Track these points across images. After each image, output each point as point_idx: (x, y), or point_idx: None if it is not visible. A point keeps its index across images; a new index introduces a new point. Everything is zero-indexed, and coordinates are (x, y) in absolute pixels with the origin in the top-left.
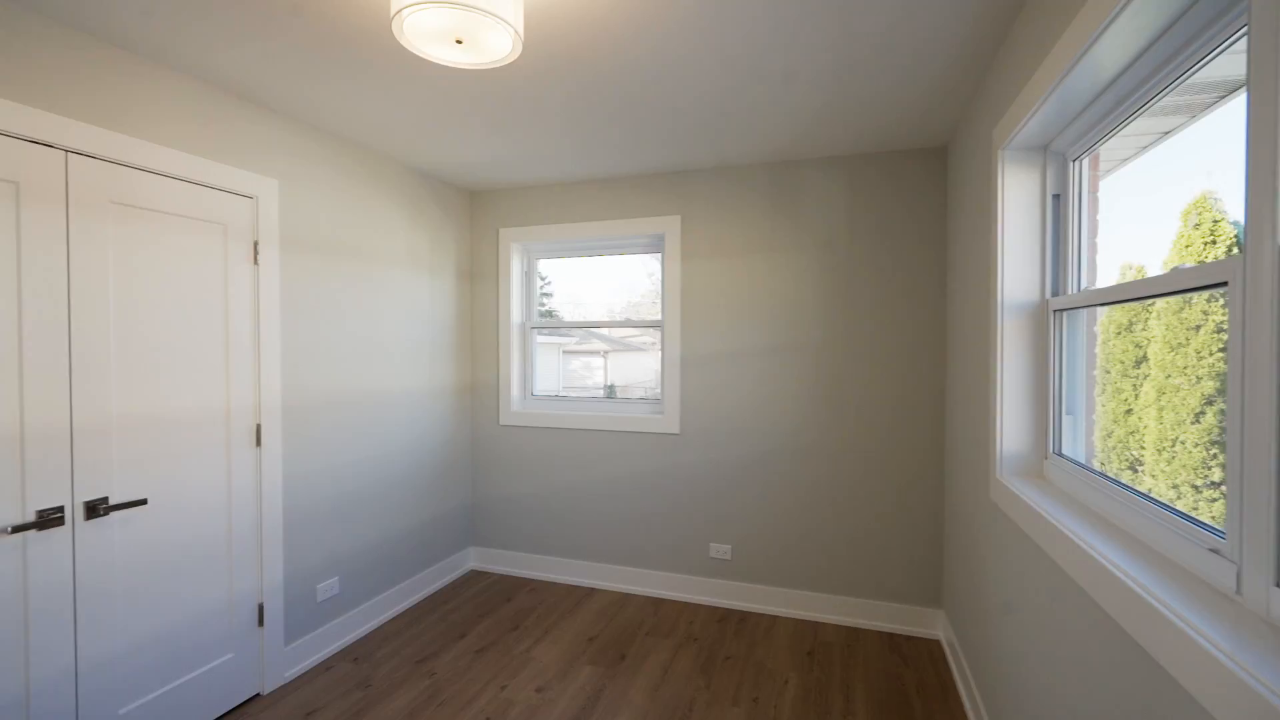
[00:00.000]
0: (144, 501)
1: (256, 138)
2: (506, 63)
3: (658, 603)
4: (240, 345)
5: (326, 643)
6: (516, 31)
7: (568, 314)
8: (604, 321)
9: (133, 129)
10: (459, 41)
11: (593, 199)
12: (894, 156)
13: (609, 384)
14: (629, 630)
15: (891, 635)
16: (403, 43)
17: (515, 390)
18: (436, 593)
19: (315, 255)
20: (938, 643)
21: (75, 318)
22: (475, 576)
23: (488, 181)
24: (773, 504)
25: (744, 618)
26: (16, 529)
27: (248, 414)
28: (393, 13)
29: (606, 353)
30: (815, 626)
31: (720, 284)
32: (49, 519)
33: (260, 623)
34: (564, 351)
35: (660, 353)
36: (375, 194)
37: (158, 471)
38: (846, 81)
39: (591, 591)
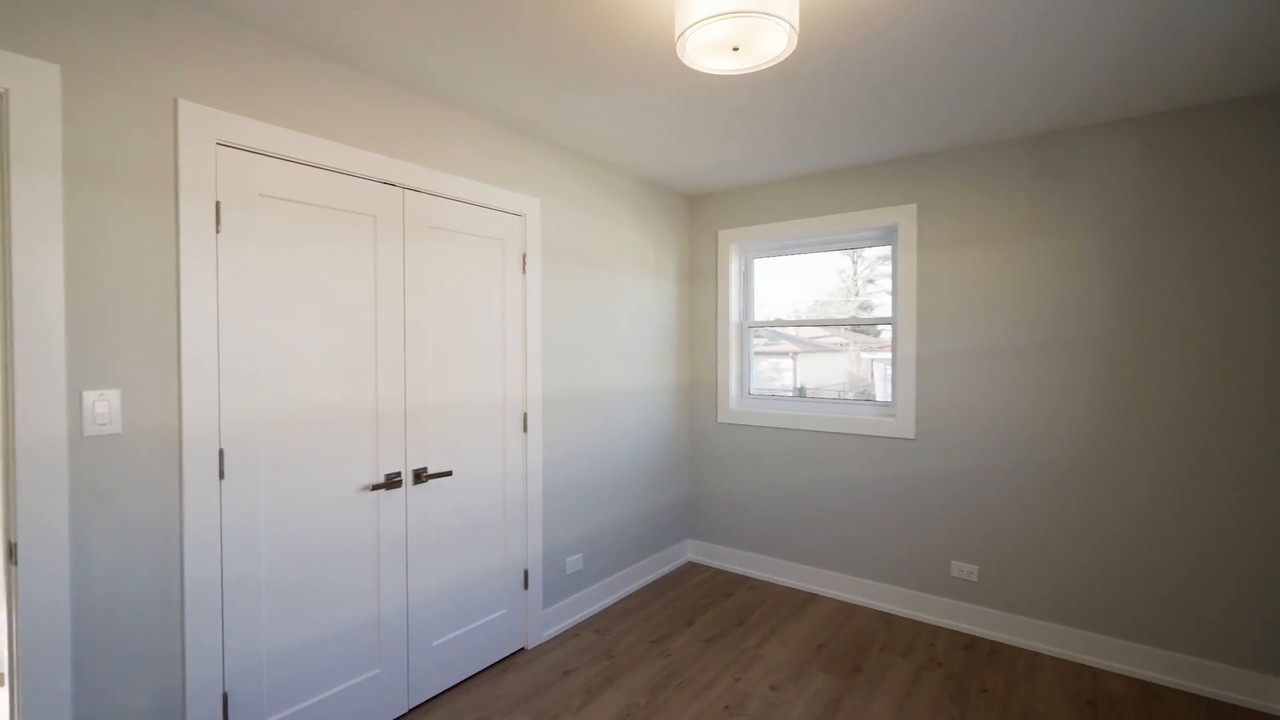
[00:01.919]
0: (450, 473)
1: (523, 162)
2: (778, 62)
3: (887, 617)
4: (512, 344)
5: (574, 611)
6: (793, 27)
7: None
8: (823, 320)
9: (441, 165)
10: (735, 49)
11: (815, 194)
12: (1206, 111)
13: (799, 385)
14: (861, 642)
15: (1209, 700)
16: (684, 60)
17: (733, 389)
18: (659, 580)
19: (566, 264)
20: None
21: (408, 322)
22: (693, 568)
23: (707, 185)
24: (1033, 523)
25: (995, 648)
26: (375, 487)
27: (518, 404)
28: (678, 33)
29: (795, 354)
30: (1093, 673)
31: (964, 275)
32: (392, 481)
33: (525, 586)
34: (753, 353)
35: (891, 352)
36: (611, 204)
37: (458, 449)
38: (1154, 20)
39: (813, 597)
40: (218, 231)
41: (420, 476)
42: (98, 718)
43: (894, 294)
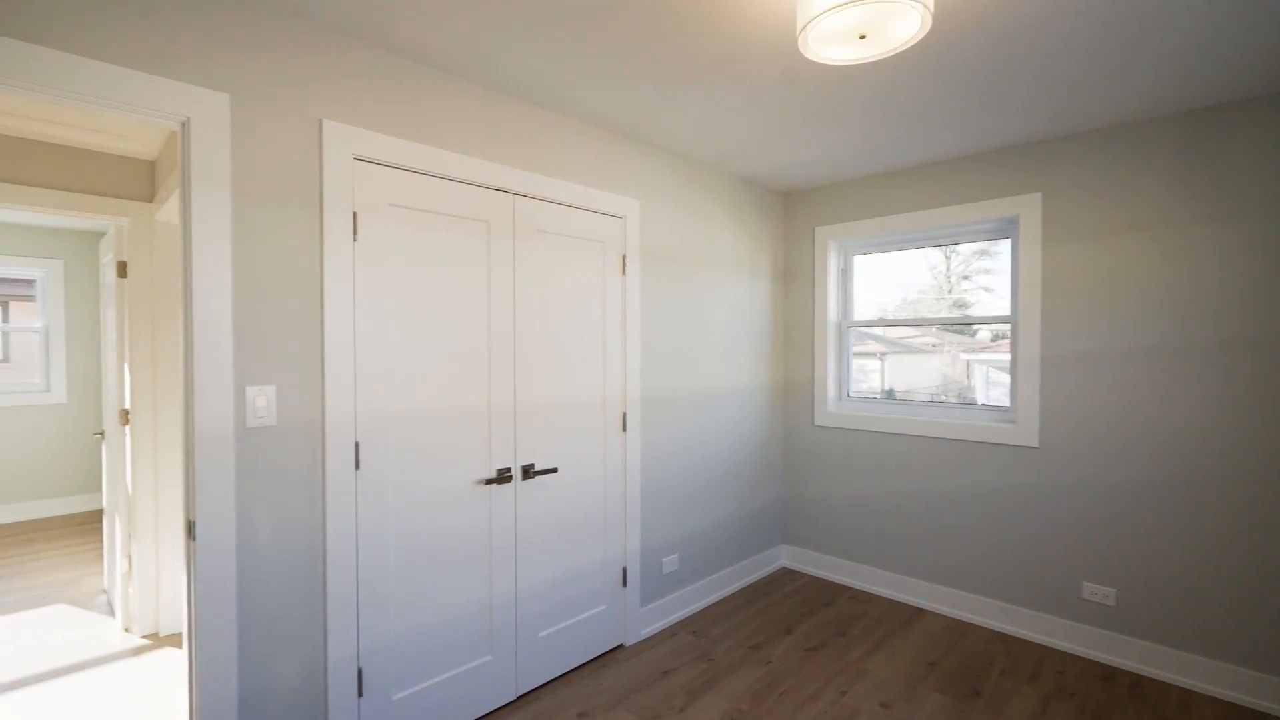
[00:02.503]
0: (555, 470)
1: (623, 164)
2: (908, 46)
3: (1006, 639)
4: (612, 344)
5: (670, 611)
6: (926, 7)
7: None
8: (929, 320)
9: (547, 170)
10: (862, 36)
11: (924, 186)
12: None
13: (887, 388)
14: (978, 664)
15: None
16: (805, 52)
17: (831, 390)
18: (753, 584)
19: (664, 264)
20: None
21: (518, 322)
22: (787, 574)
23: (805, 180)
24: (1183, 544)
25: (1137, 681)
26: (487, 482)
27: (617, 403)
28: (801, 24)
29: (884, 355)
30: (1260, 718)
31: (1098, 268)
32: (503, 477)
33: (624, 583)
34: (852, 354)
35: (1011, 353)
36: (707, 203)
37: (562, 447)
38: None
39: (920, 611)
40: (355, 239)
41: (528, 473)
42: (256, 681)
43: (1014, 291)
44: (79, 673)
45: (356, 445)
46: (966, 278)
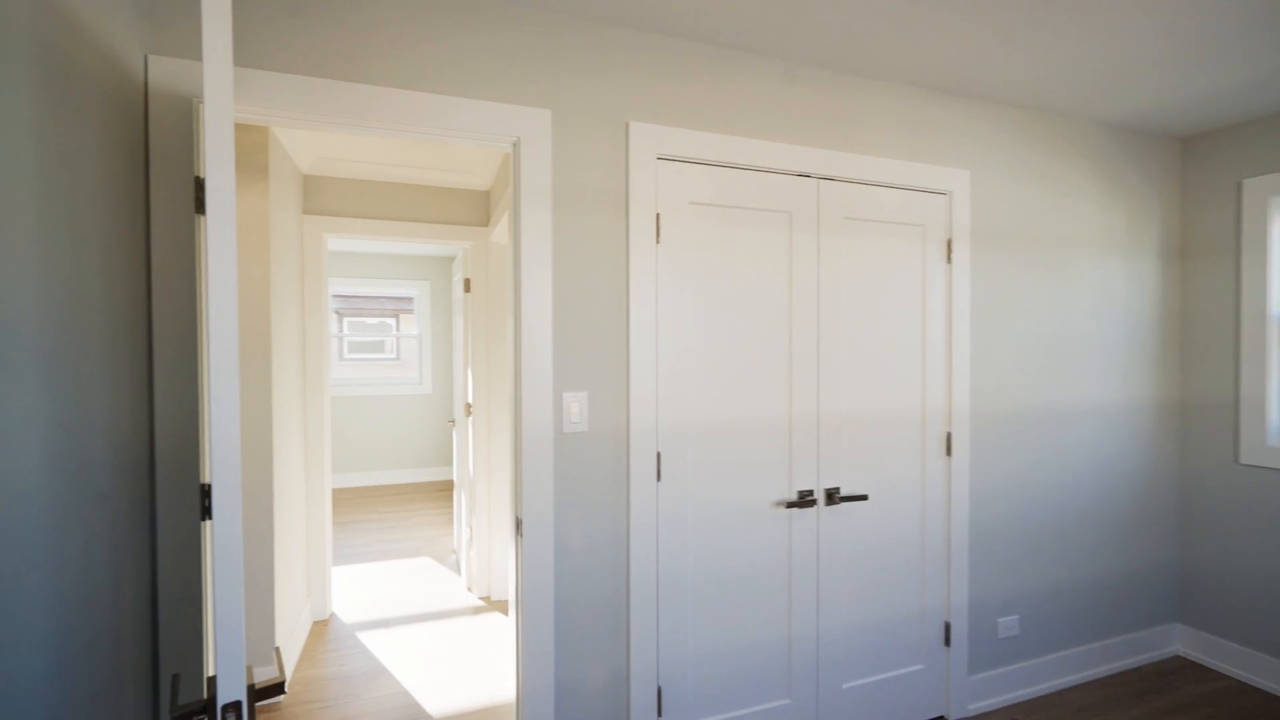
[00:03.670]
0: (865, 497)
1: (947, 128)
2: None
3: None
4: (933, 349)
5: (1008, 687)
6: None
7: None
8: None
9: (856, 146)
10: None
11: None
12: None
13: None
14: None
15: None
16: None
17: (1274, 416)
18: (1129, 673)
19: (999, 247)
20: None
21: (822, 325)
22: (1186, 668)
23: (1222, 115)
24: None
25: None
26: (787, 505)
27: (939, 421)
28: None
29: None
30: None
31: None
32: (805, 500)
33: (946, 642)
34: None
35: None
36: (1059, 164)
37: (872, 471)
38: None
39: None
40: (657, 242)
41: (833, 497)
42: (569, 677)
43: None
44: (435, 620)
45: (658, 456)
46: None
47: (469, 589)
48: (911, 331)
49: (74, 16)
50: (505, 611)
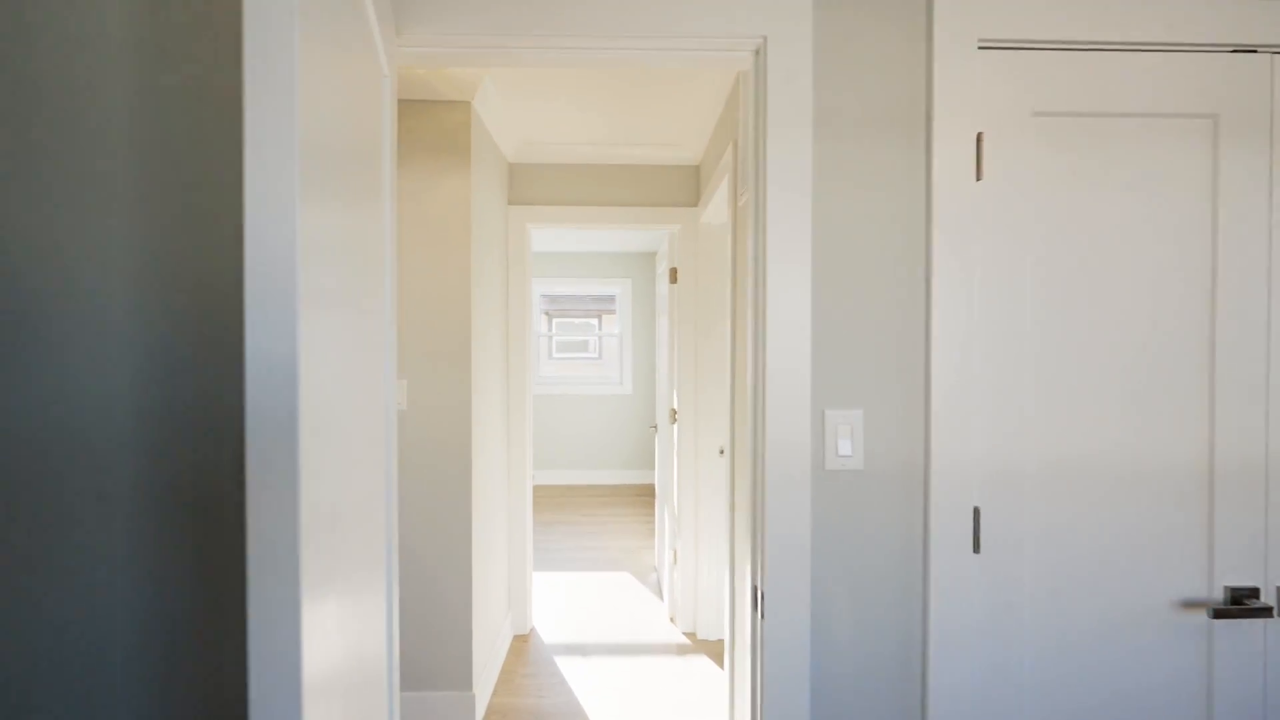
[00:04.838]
0: None
1: None
2: None
3: None
4: None
5: None
6: None
7: None
8: None
9: None
10: None
11: None
12: None
13: None
14: None
15: None
16: None
17: None
18: None
19: None
20: None
21: (1273, 307)
22: None
23: None
24: None
25: None
26: (1209, 609)
27: None
28: None
29: None
30: None
31: None
32: (1240, 602)
33: None
34: None
35: None
36: None
37: None
38: None
39: None
40: (978, 179)
41: None
42: None
43: None
44: (636, 656)
45: (975, 512)
46: None
47: (671, 619)
48: None
49: None
50: (713, 656)
